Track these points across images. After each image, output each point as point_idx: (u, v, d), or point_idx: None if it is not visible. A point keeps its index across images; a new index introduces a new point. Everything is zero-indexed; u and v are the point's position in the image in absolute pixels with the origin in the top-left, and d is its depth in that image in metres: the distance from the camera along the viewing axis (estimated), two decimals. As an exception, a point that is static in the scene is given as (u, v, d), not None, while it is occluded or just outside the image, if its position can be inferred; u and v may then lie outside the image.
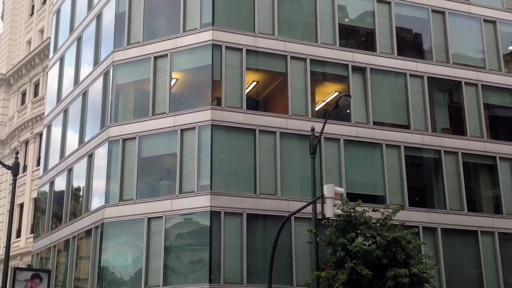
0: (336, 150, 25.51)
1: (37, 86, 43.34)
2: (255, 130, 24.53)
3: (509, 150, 28.34)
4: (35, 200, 37.38)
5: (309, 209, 20.78)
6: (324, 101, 26.88)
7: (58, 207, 30.41)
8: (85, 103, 29.33)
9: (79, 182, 28.85)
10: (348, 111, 26.21)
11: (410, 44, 29.37)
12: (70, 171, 29.56)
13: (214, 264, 22.60)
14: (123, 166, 25.17)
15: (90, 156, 27.54)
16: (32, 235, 36.05)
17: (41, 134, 38.06)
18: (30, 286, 20.37)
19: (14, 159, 23.94)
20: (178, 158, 24.22)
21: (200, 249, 23.21)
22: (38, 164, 37.70)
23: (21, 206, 40.45)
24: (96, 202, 26.54)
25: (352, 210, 21.03)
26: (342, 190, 20.68)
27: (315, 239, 20.55)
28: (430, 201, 27.23)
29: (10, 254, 24.26)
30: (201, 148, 24.01)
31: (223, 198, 23.32)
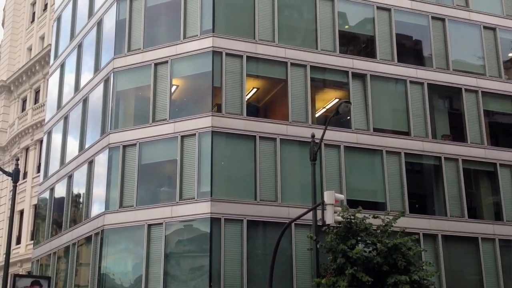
0: (336, 157, 25.50)
1: (37, 92, 43.39)
2: (255, 136, 24.54)
3: (509, 156, 28.33)
4: (35, 206, 37.35)
5: (309, 215, 20.77)
6: (324, 107, 26.90)
7: (58, 214, 30.39)
8: (85, 110, 29.36)
9: (79, 188, 28.84)
10: (348, 118, 26.22)
11: (410, 50, 29.42)
12: (70, 178, 29.55)
13: (214, 271, 22.56)
14: (123, 173, 25.17)
15: (90, 162, 27.54)
16: (32, 242, 36.00)
17: (41, 141, 38.08)
18: (30, 293, 20.37)
19: (14, 166, 23.96)
20: (178, 165, 24.22)
21: (200, 255, 23.17)
22: (38, 170, 37.70)
23: (21, 213, 40.43)
24: (96, 208, 26.52)
25: (352, 217, 21.00)
26: (342, 196, 20.69)
27: (316, 246, 20.53)
28: (431, 207, 27.20)
29: (10, 261, 24.24)
30: (201, 154, 24.01)
31: (223, 204, 23.30)
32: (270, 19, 26.28)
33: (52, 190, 31.55)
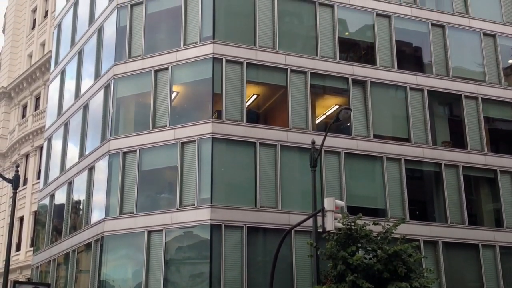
0: (336, 163, 25.49)
1: (38, 99, 43.44)
2: (256, 143, 24.54)
3: (509, 163, 28.32)
4: (35, 213, 37.32)
5: (309, 222, 20.74)
6: (324, 114, 26.91)
7: (58, 220, 30.36)
8: (85, 116, 29.37)
9: (79, 195, 28.82)
10: (348, 124, 26.23)
11: (410, 57, 29.46)
12: (70, 184, 29.54)
13: (215, 277, 22.50)
14: (124, 179, 25.16)
15: (91, 169, 27.53)
16: (32, 249, 35.95)
17: (41, 147, 38.08)
18: (30, 300, 20.32)
19: (14, 172, 23.95)
20: (178, 171, 24.21)
21: (200, 262, 23.13)
22: (39, 177, 37.69)
23: (21, 220, 40.40)
24: (96, 215, 26.49)
25: (352, 224, 20.96)
26: (342, 203, 20.67)
27: (316, 253, 20.49)
28: (431, 214, 27.18)
29: (10, 268, 24.18)
30: (201, 161, 24.01)
31: (224, 211, 23.28)
32: (270, 26, 26.34)
33: (52, 196, 31.53)
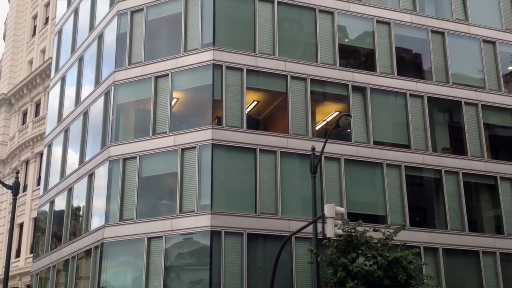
0: (336, 170, 25.48)
1: (38, 105, 43.48)
2: (256, 149, 24.54)
3: (509, 170, 28.31)
4: (35, 219, 37.28)
5: (309, 229, 20.71)
6: (324, 120, 26.92)
7: (58, 227, 30.32)
8: (86, 123, 29.38)
9: (79, 201, 28.79)
10: (348, 131, 26.24)
11: (410, 64, 29.50)
12: (70, 191, 29.52)
13: (215, 284, 22.45)
14: (124, 186, 25.14)
15: (91, 175, 27.52)
16: (31, 255, 35.89)
17: (41, 154, 38.09)
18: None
19: (14, 179, 23.95)
20: (178, 178, 24.19)
21: (200, 269, 23.09)
22: (38, 183, 37.67)
23: (21, 226, 40.36)
24: (96, 221, 26.46)
25: (353, 230, 20.95)
26: (343, 210, 20.65)
27: (316, 259, 20.45)
28: (431, 221, 27.14)
29: (10, 274, 24.15)
30: (201, 167, 24.00)
31: (224, 217, 23.25)
32: (271, 33, 26.38)
33: (52, 203, 31.51)
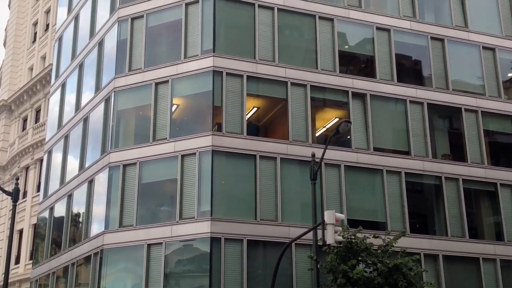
0: (336, 176, 25.48)
1: (38, 112, 43.50)
2: (256, 155, 24.54)
3: (509, 176, 28.30)
4: (35, 226, 37.23)
5: (309, 235, 20.69)
6: (324, 127, 26.94)
7: (58, 233, 30.28)
8: (86, 129, 29.39)
9: (79, 208, 28.76)
10: (348, 137, 26.25)
11: (409, 70, 29.53)
12: (70, 197, 29.49)
13: (214, 291, 22.43)
14: (123, 192, 25.13)
15: (90, 182, 27.50)
16: (31, 262, 35.81)
17: (41, 160, 38.08)
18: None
19: (14, 185, 23.93)
20: (178, 184, 24.18)
21: (200, 275, 23.04)
22: (38, 190, 37.64)
23: (20, 232, 40.30)
24: (95, 228, 26.43)
25: (353, 237, 20.90)
26: (343, 216, 20.64)
27: (316, 266, 20.42)
28: (431, 227, 27.11)
29: (9, 281, 24.10)
30: (201, 173, 23.99)
31: (224, 224, 23.22)
32: (271, 39, 26.42)
33: (51, 209, 31.47)
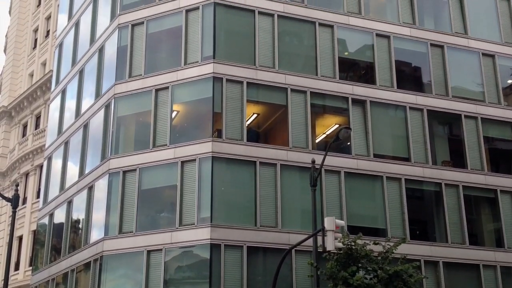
0: (336, 183, 25.47)
1: (38, 118, 43.52)
2: (256, 162, 24.54)
3: (510, 183, 28.29)
4: (34, 232, 37.18)
5: (310, 242, 20.67)
6: (324, 133, 26.95)
7: (57, 240, 30.24)
8: (86, 135, 29.40)
9: (79, 214, 28.73)
10: (348, 144, 26.25)
11: (409, 77, 29.57)
12: (69, 203, 29.47)
13: (214, 297, 22.39)
14: (123, 198, 25.11)
15: (90, 188, 27.49)
16: (30, 268, 35.75)
17: (41, 166, 38.06)
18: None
19: (14, 191, 23.91)
20: (178, 190, 24.17)
21: (200, 282, 23.00)
22: (38, 196, 37.61)
23: (20, 239, 40.24)
24: (95, 234, 26.39)
25: (353, 243, 20.86)
26: (343, 223, 20.62)
27: (316, 273, 20.38)
28: (432, 234, 27.08)
29: (8, 287, 24.04)
30: (201, 180, 23.98)
31: (223, 230, 23.20)
32: (271, 46, 26.46)
33: (51, 215, 31.44)
